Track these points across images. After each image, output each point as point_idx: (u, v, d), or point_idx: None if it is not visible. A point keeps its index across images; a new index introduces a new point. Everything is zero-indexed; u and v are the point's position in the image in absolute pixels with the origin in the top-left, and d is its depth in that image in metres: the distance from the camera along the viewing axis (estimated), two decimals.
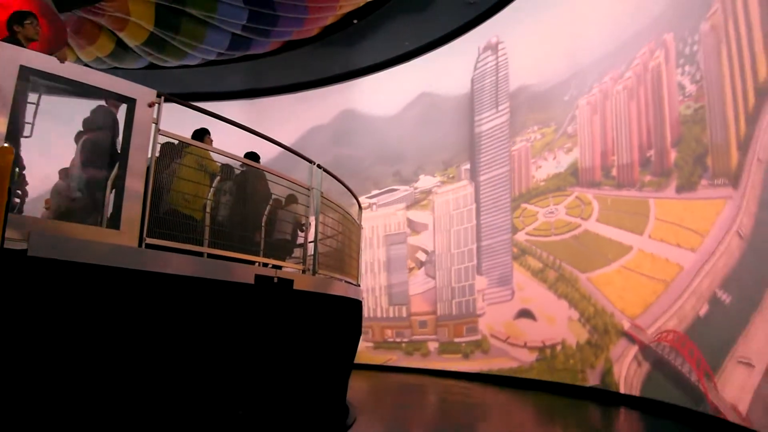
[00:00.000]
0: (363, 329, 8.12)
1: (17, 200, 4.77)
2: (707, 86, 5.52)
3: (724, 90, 5.25)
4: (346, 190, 7.13)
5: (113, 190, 4.25)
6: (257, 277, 4.77)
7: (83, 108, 4.66)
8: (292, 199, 6.08)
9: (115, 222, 4.10)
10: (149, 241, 4.16)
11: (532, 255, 7.83)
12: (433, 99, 13.67)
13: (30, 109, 4.36)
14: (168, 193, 4.60)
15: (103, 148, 4.46)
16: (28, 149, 4.34)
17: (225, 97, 16.10)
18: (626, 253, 6.37)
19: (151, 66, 12.88)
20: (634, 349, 5.58)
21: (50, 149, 4.98)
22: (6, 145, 3.55)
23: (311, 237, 5.92)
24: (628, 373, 5.46)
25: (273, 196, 5.62)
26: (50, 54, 3.93)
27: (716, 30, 5.20)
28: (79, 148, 4.50)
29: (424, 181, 10.27)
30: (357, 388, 8.63)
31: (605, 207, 7.18)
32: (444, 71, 13.94)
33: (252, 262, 5.02)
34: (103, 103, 4.52)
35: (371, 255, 9.63)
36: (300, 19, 11.93)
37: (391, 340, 8.71)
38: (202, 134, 5.38)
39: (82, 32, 11.17)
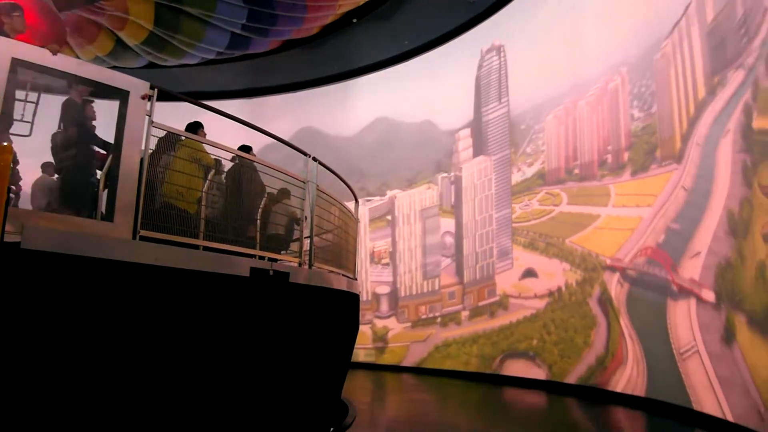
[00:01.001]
0: (399, 309, 9.41)
1: (12, 195, 4.79)
2: (659, 96, 7.18)
3: (672, 99, 6.93)
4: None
5: (107, 183, 4.25)
6: (253, 269, 4.76)
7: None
8: (284, 193, 6.07)
9: (109, 214, 4.09)
10: (143, 233, 4.15)
11: (520, 235, 9.39)
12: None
13: (29, 108, 4.38)
14: (162, 185, 4.58)
15: (72, 140, 4.45)
16: (22, 144, 4.35)
17: (224, 96, 16.11)
18: (596, 220, 8.05)
19: (151, 65, 12.91)
20: (616, 276, 7.36)
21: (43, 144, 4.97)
22: (5, 144, 3.55)
23: (307, 230, 5.90)
24: (615, 292, 7.21)
25: (267, 190, 5.61)
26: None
27: (666, 57, 7.10)
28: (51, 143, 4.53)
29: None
30: (358, 387, 8.61)
31: (572, 195, 8.73)
32: (445, 69, 13.99)
33: (248, 255, 5.01)
34: (72, 95, 4.50)
35: (408, 230, 10.36)
36: (299, 18, 11.94)
37: (425, 316, 9.40)
38: (195, 127, 5.37)
39: (82, 31, 11.19)
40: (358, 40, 13.95)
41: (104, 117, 4.68)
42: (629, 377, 6.41)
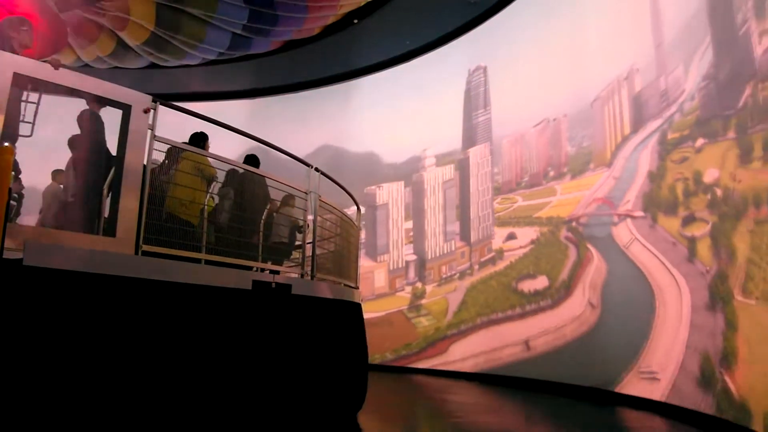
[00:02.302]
0: (425, 272, 11.54)
1: (14, 203, 4.78)
2: (596, 123, 9.45)
3: (605, 128, 9.24)
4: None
5: (109, 196, 4.23)
6: (255, 282, 4.75)
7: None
8: (288, 199, 6.05)
9: (111, 229, 4.08)
10: (146, 248, 4.14)
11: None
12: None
13: (30, 109, 4.35)
14: (165, 199, 4.57)
15: (91, 152, 4.43)
16: (23, 151, 4.33)
17: (225, 96, 16.06)
18: (549, 204, 10.21)
19: (152, 65, 12.86)
20: (574, 222, 9.56)
21: (45, 151, 4.96)
22: (6, 144, 3.53)
23: (309, 240, 5.88)
24: (577, 228, 9.41)
25: (271, 199, 5.59)
26: (45, 59, 3.90)
27: (602, 99, 9.34)
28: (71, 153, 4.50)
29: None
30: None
31: (525, 197, 10.83)
32: (445, 69, 14.01)
33: (249, 268, 4.99)
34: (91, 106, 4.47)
35: (434, 200, 12.11)
36: (300, 19, 11.89)
37: (446, 275, 11.23)
38: (200, 139, 5.34)
39: (83, 31, 11.14)
40: (359, 41, 13.92)
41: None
42: (596, 268, 8.81)
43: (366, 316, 7.74)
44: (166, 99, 4.40)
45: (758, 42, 5.55)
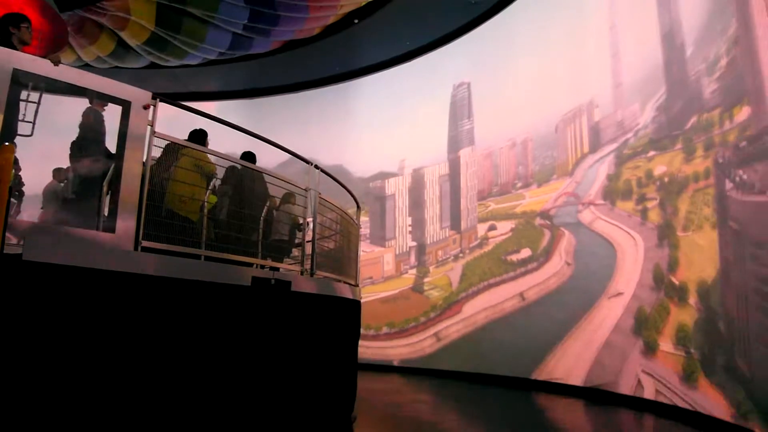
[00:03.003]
0: (424, 257, 12.78)
1: (14, 200, 4.79)
2: (560, 143, 10.76)
3: (568, 146, 10.56)
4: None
5: (108, 193, 4.24)
6: (254, 279, 4.75)
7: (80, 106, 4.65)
8: (289, 196, 6.05)
9: (110, 225, 4.08)
10: (145, 244, 4.14)
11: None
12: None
13: (31, 108, 4.36)
14: (164, 195, 4.57)
15: (92, 150, 4.44)
16: (25, 150, 4.34)
17: (226, 96, 16.10)
18: (520, 205, 11.54)
19: (152, 65, 12.88)
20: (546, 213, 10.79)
21: (45, 149, 4.97)
22: (7, 144, 3.54)
23: (309, 238, 5.89)
24: (550, 215, 10.71)
25: (270, 196, 5.59)
26: (46, 56, 3.91)
27: (566, 121, 10.70)
28: (71, 150, 4.50)
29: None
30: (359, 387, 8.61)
31: (497, 202, 12.12)
32: (445, 69, 14.07)
33: (249, 264, 5.00)
34: (93, 105, 4.49)
35: (432, 193, 13.18)
36: (301, 19, 11.91)
37: (441, 259, 12.53)
38: (200, 136, 5.34)
39: (84, 31, 11.17)
40: (359, 41, 13.94)
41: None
42: (567, 240, 10.13)
43: (381, 295, 11.52)
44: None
45: (706, 86, 7.19)
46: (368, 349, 12.14)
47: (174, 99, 4.57)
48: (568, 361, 9.21)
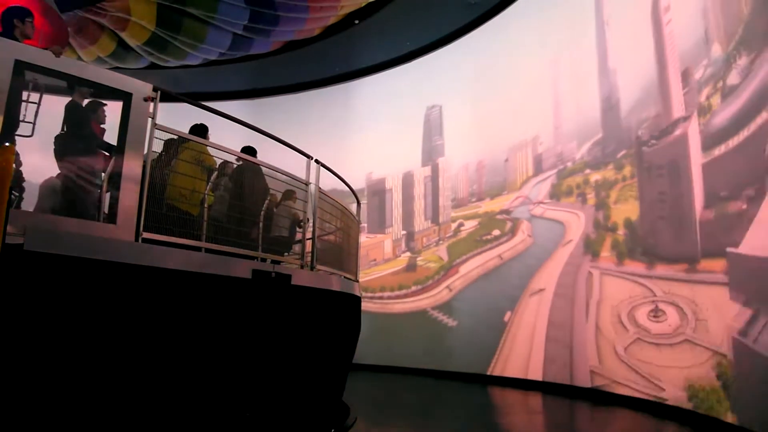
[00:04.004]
0: (413, 243, 14.62)
1: (15, 195, 4.79)
2: (509, 166, 12.71)
3: (516, 169, 12.53)
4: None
5: (110, 185, 4.25)
6: (254, 271, 4.76)
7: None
8: (289, 194, 6.06)
9: (111, 216, 4.10)
10: (146, 235, 4.15)
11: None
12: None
13: (31, 109, 4.38)
14: (165, 188, 4.59)
15: (77, 143, 4.46)
16: (26, 145, 4.37)
17: (226, 97, 16.14)
18: (478, 210, 13.45)
19: (153, 66, 12.91)
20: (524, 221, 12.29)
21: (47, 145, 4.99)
22: (7, 144, 3.56)
23: (309, 233, 5.90)
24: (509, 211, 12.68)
25: (270, 191, 5.61)
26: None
27: (515, 149, 12.59)
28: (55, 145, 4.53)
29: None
30: (357, 388, 8.63)
31: (456, 211, 13.98)
32: (445, 70, 14.18)
33: (250, 257, 5.01)
34: (74, 97, 4.50)
35: (420, 189, 14.81)
36: (301, 19, 11.94)
37: (426, 244, 14.42)
38: (201, 130, 5.36)
39: (84, 32, 11.20)
40: (360, 41, 13.99)
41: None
42: (526, 225, 12.05)
43: (388, 271, 14.66)
44: None
45: (636, 132, 9.05)
46: (397, 305, 14.21)
47: (173, 99, 4.58)
48: (542, 279, 11.25)
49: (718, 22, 7.02)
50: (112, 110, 4.70)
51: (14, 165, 4.47)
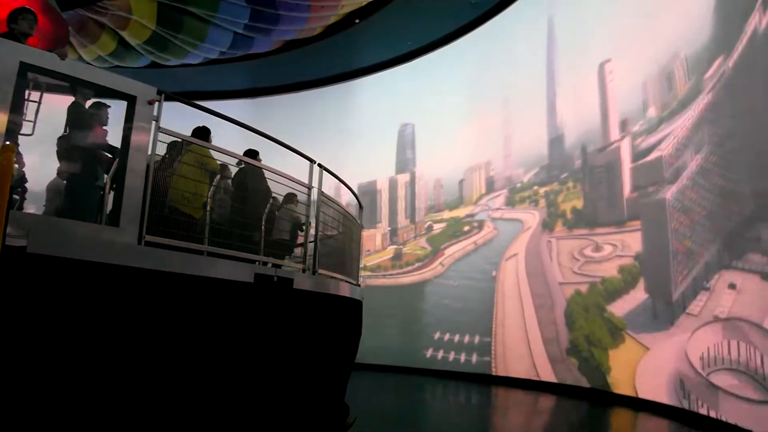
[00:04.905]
0: (396, 237, 16.12)
1: (16, 197, 4.78)
2: (465, 185, 14.67)
3: (472, 186, 14.39)
4: None
5: (113, 187, 4.24)
6: (257, 275, 4.75)
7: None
8: (290, 197, 6.05)
9: (114, 219, 4.09)
10: (149, 238, 4.14)
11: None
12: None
13: (32, 107, 4.37)
14: (168, 190, 4.57)
15: (80, 145, 4.45)
16: (28, 146, 4.35)
17: (226, 96, 16.12)
18: (442, 217, 15.17)
19: (153, 65, 12.89)
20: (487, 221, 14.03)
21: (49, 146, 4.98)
22: (8, 143, 3.54)
23: (311, 236, 5.89)
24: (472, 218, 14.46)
25: (273, 194, 5.59)
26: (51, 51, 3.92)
27: (470, 170, 14.58)
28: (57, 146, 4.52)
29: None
30: (357, 388, 8.64)
31: (428, 217, 15.54)
32: (445, 71, 14.24)
33: (252, 261, 5.00)
34: (77, 98, 4.49)
35: (402, 192, 16.26)
36: (302, 19, 11.94)
37: (406, 238, 15.95)
38: (205, 133, 5.34)
39: (85, 30, 11.18)
40: (360, 41, 13.99)
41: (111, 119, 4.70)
42: (488, 223, 13.82)
43: (380, 258, 16.12)
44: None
45: (576, 159, 11.28)
46: (406, 277, 15.40)
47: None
48: (513, 249, 12.89)
49: (655, 96, 9.33)
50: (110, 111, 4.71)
51: (16, 165, 4.48)
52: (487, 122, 13.85)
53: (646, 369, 8.55)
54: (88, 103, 4.59)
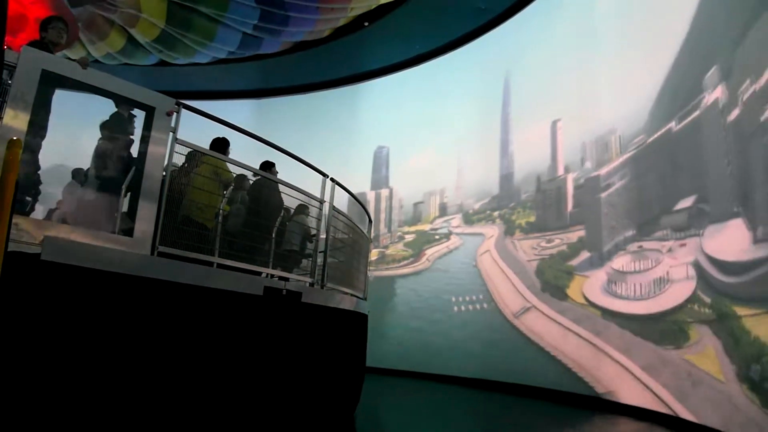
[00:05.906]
0: (378, 241, 16.34)
1: (29, 198, 4.76)
2: (425, 201, 15.53)
3: (429, 208, 15.48)
4: None
5: (127, 196, 4.24)
6: (266, 288, 4.75)
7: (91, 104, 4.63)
8: (302, 208, 6.05)
9: (128, 229, 4.08)
10: (162, 249, 4.14)
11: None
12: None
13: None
14: (182, 202, 4.57)
15: (117, 154, 4.44)
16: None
17: (234, 95, 16.07)
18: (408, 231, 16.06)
19: (162, 63, 12.84)
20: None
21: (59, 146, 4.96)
22: (15, 138, 3.52)
23: (321, 250, 5.88)
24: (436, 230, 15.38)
25: (284, 206, 5.59)
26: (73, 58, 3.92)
27: (426, 195, 15.58)
28: (95, 152, 4.48)
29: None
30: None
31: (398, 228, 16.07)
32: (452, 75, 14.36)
33: (261, 273, 5.00)
34: (119, 109, 4.48)
35: (384, 202, 16.83)
36: (311, 20, 11.93)
37: (384, 244, 16.43)
38: (223, 144, 5.33)
39: (94, 27, 11.13)
40: (369, 44, 14.00)
41: None
42: (454, 236, 14.70)
43: (372, 258, 15.63)
44: (172, 96, 4.40)
45: (523, 193, 12.88)
46: (404, 269, 15.79)
47: (179, 97, 4.53)
48: (484, 247, 13.81)
49: (592, 156, 11.12)
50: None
51: (33, 168, 4.46)
52: (442, 152, 15.25)
53: (589, 285, 11.14)
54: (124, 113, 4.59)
